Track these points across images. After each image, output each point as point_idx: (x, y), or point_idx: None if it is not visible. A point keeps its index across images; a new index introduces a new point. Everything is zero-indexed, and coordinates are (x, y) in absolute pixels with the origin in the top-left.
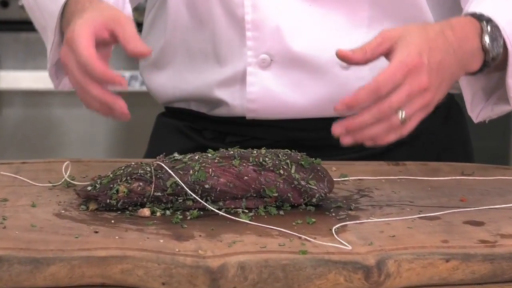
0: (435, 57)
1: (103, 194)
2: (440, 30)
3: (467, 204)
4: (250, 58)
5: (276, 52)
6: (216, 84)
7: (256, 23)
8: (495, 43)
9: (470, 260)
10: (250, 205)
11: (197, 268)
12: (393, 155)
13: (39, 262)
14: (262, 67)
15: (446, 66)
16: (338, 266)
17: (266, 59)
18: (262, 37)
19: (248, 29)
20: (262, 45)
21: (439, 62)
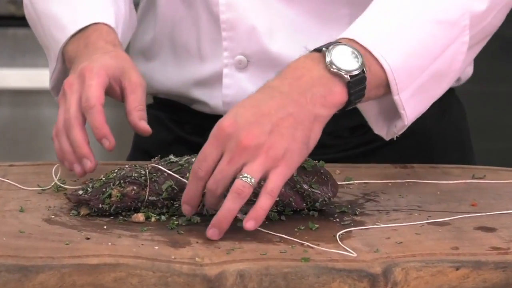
0: (251, 110)
1: (95, 199)
2: (265, 86)
3: (478, 209)
4: (227, 59)
5: (252, 52)
6: (195, 83)
7: (231, 22)
8: (346, 61)
9: (482, 268)
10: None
11: (194, 277)
12: (382, 154)
13: (28, 270)
14: (239, 68)
15: (272, 110)
16: (342, 274)
17: (243, 60)
18: (237, 37)
19: (224, 29)
20: (238, 45)
21: (259, 112)
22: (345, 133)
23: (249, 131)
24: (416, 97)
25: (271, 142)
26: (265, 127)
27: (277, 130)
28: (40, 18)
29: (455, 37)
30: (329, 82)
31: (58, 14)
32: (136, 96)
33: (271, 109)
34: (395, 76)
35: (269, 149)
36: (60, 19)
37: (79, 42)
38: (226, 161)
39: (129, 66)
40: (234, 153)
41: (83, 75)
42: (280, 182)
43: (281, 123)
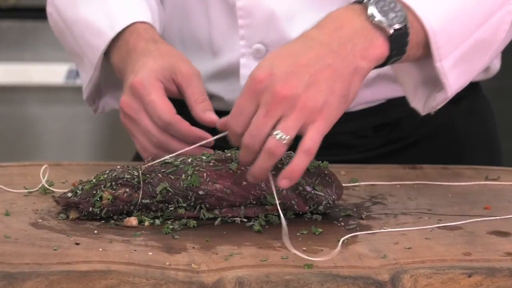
0: (288, 61)
1: (85, 202)
2: (302, 35)
3: (492, 212)
4: (244, 49)
5: (271, 41)
6: (209, 77)
7: (248, 9)
8: (389, 14)
9: (495, 275)
10: (250, 214)
11: (190, 284)
12: (408, 154)
13: (14, 277)
14: (257, 58)
15: (312, 61)
16: (347, 281)
17: (261, 49)
18: (255, 25)
19: (240, 16)
20: (256, 34)
21: (296, 63)
22: (369, 132)
23: (285, 82)
24: (459, 66)
25: (309, 95)
26: (303, 78)
27: (315, 82)
28: (70, 26)
29: (500, 4)
30: (371, 34)
31: (92, 20)
32: (192, 88)
33: (310, 59)
34: (437, 40)
35: (306, 101)
36: (95, 25)
37: (120, 50)
38: (262, 114)
39: (175, 60)
40: (270, 106)
41: (137, 91)
42: (317, 139)
43: (319, 74)
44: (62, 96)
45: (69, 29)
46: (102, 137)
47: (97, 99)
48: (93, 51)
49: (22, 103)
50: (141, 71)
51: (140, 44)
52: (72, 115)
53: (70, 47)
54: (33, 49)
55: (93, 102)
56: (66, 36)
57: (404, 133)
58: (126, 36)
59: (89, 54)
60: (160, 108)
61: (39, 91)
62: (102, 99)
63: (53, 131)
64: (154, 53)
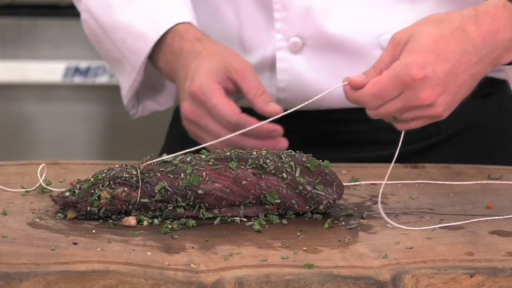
0: (444, 65)
1: (83, 201)
2: (459, 25)
3: (494, 211)
4: (280, 42)
5: (308, 34)
6: None
7: (285, 2)
8: None
9: (497, 275)
10: (249, 213)
11: (189, 284)
12: (440, 150)
13: (11, 277)
14: (294, 51)
15: (461, 69)
16: (348, 281)
17: (298, 42)
18: (292, 18)
19: (277, 10)
20: (293, 27)
21: (450, 69)
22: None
23: (433, 91)
24: None
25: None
26: (449, 88)
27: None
28: (108, 32)
29: None
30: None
31: (133, 24)
32: (248, 83)
33: (462, 68)
34: None
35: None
36: (136, 29)
37: (165, 54)
38: (399, 106)
39: (226, 57)
40: (408, 104)
41: (198, 98)
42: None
43: (462, 86)
44: (59, 94)
45: (107, 34)
46: (100, 136)
47: (136, 103)
48: (136, 55)
49: (19, 101)
50: (196, 76)
51: (185, 46)
52: (70, 114)
53: (108, 53)
54: (30, 46)
55: (132, 106)
56: (104, 42)
57: (437, 129)
58: (169, 39)
59: (131, 58)
60: (225, 112)
61: (36, 89)
62: (141, 103)
63: (51, 130)
64: (203, 53)
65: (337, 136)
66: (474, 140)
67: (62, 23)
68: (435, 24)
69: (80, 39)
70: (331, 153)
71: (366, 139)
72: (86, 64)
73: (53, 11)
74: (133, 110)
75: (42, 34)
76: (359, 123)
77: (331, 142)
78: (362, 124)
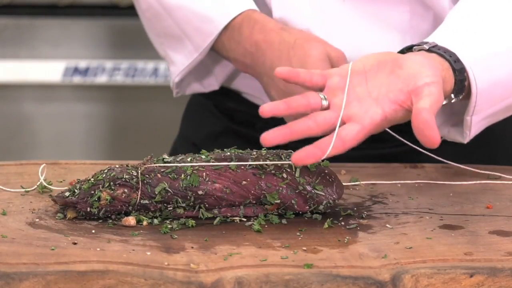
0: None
1: (82, 202)
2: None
3: (493, 211)
4: None
5: None
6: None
7: (284, 22)
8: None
9: (497, 275)
10: (249, 213)
11: (188, 284)
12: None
13: (10, 277)
14: None
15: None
16: (348, 281)
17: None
18: None
19: None
20: None
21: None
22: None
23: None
24: (484, 121)
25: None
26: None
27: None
28: (171, 10)
29: None
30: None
31: (199, 5)
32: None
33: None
34: (477, 99)
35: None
36: (203, 10)
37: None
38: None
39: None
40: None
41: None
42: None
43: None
44: (59, 94)
45: (170, 13)
46: (99, 135)
47: (180, 82)
48: (202, 36)
49: (19, 101)
50: (309, 65)
51: (272, 36)
52: (69, 113)
53: (165, 29)
54: (30, 46)
55: (177, 85)
56: (163, 20)
57: None
58: (244, 28)
59: (196, 38)
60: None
61: (35, 89)
62: (185, 83)
63: (50, 130)
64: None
65: None
66: (477, 141)
67: (61, 23)
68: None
69: (79, 38)
70: None
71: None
72: (86, 63)
73: (52, 11)
74: (178, 89)
75: (41, 34)
76: None
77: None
78: None
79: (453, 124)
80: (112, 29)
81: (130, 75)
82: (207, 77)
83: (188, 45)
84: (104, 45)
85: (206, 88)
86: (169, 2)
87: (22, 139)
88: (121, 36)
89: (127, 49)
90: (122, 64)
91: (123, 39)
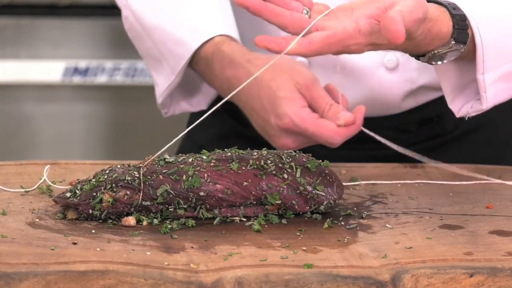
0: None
1: (84, 204)
2: None
3: (493, 211)
4: None
5: (313, 58)
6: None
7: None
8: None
9: (497, 275)
10: (249, 213)
11: (188, 284)
12: (449, 149)
13: (10, 277)
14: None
15: None
16: (348, 281)
17: (303, 61)
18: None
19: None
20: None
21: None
22: (413, 126)
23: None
24: (500, 83)
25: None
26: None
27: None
28: (150, 32)
29: None
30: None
31: (174, 27)
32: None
33: None
34: (484, 53)
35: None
36: (177, 33)
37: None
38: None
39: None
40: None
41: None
42: None
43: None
44: (59, 94)
45: (149, 34)
46: (99, 135)
47: (169, 102)
48: (176, 59)
49: (19, 101)
50: (279, 110)
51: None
52: (69, 114)
53: (148, 51)
54: (30, 46)
55: (165, 105)
56: (144, 41)
57: (446, 128)
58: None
59: (171, 61)
60: (326, 136)
61: (35, 89)
62: (174, 103)
63: (50, 130)
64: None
65: None
66: (482, 140)
67: (61, 23)
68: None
69: (79, 38)
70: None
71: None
72: (85, 63)
73: (52, 11)
74: (165, 109)
75: (41, 34)
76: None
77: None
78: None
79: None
80: (112, 29)
81: (130, 75)
82: (195, 97)
83: (166, 67)
84: (104, 45)
85: (195, 108)
86: (148, 23)
87: (22, 139)
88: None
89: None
90: (122, 64)
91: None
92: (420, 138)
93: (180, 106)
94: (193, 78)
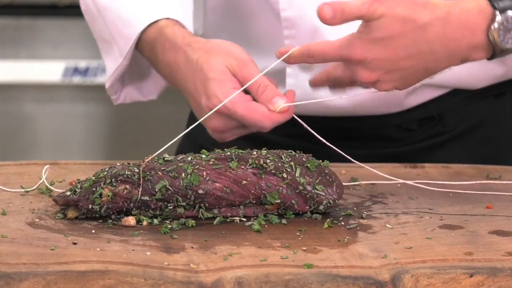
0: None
1: (84, 199)
2: (422, 25)
3: (493, 211)
4: None
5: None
6: None
7: (293, 21)
8: (508, 35)
9: (497, 275)
10: (249, 213)
11: (188, 284)
12: (450, 148)
13: (10, 277)
14: (303, 68)
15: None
16: (348, 281)
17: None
18: (300, 36)
19: (286, 27)
20: (301, 44)
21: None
22: (414, 125)
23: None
24: None
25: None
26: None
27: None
28: (102, 12)
29: None
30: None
31: (124, 8)
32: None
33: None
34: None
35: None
36: (126, 13)
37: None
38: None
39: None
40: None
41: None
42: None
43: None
44: (58, 94)
45: (101, 14)
46: (99, 136)
47: (119, 89)
48: (124, 40)
49: (18, 101)
50: (209, 91)
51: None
52: (69, 114)
53: (100, 33)
54: (29, 46)
55: (115, 91)
56: (97, 21)
57: (448, 126)
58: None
59: (120, 42)
60: (255, 119)
61: (35, 89)
62: (124, 89)
63: (50, 130)
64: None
65: (348, 131)
66: (483, 139)
67: (61, 23)
68: (401, 19)
69: (79, 39)
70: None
71: (376, 135)
72: (85, 64)
73: (52, 11)
74: (115, 96)
75: (41, 34)
76: (371, 120)
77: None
78: (374, 121)
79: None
80: None
81: None
82: (145, 84)
83: (115, 49)
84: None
85: (145, 97)
86: (101, 3)
87: (22, 139)
88: None
89: None
90: None
91: None
92: (421, 137)
93: (130, 94)
94: (142, 64)
